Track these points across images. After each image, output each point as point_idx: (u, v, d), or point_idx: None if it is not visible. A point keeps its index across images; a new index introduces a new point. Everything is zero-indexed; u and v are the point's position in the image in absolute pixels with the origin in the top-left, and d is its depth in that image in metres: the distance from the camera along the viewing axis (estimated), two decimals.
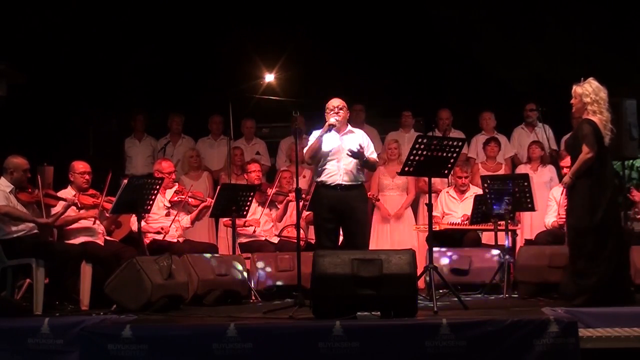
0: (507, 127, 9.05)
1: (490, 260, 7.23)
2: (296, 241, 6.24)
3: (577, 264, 5.59)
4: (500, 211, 6.94)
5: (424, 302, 5.75)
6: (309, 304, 5.28)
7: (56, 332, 4.91)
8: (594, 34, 9.11)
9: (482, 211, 7.38)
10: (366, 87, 9.48)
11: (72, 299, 6.35)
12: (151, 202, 6.75)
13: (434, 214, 6.96)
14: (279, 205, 7.92)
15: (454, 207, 7.97)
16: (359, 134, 6.38)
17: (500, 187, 7.04)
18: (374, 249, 8.06)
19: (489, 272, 7.06)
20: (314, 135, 6.29)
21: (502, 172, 8.36)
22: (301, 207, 6.84)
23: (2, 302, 5.94)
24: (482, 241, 7.81)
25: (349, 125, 6.41)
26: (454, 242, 7.59)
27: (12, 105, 7.59)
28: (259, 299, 6.97)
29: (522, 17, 9.48)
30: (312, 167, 8.62)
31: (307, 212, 7.90)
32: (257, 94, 9.39)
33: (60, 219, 6.36)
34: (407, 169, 6.00)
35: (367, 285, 4.99)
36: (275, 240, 7.77)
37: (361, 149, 6.12)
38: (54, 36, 8.88)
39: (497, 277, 6.92)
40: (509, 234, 7.06)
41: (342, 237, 6.42)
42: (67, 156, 7.13)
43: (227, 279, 6.76)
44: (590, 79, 5.70)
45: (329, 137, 6.21)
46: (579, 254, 5.60)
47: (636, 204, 7.64)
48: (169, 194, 7.39)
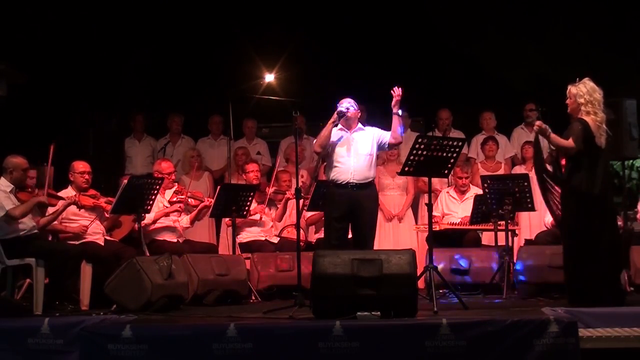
0: (507, 127, 9.04)
1: (490, 260, 7.23)
2: (296, 241, 6.24)
3: (570, 263, 5.60)
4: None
5: (423, 302, 5.75)
6: (309, 304, 5.28)
7: (56, 332, 4.91)
8: (594, 34, 9.10)
9: (482, 211, 7.39)
10: (366, 87, 9.47)
11: (72, 299, 6.35)
12: (151, 202, 6.76)
13: (434, 214, 6.96)
14: (278, 204, 7.92)
15: (454, 207, 7.97)
16: (370, 131, 6.37)
17: (500, 187, 7.05)
18: (375, 249, 8.09)
19: (489, 272, 7.07)
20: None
21: (501, 171, 8.36)
22: (301, 207, 6.84)
23: (2, 302, 5.95)
24: (482, 242, 7.81)
25: (360, 123, 6.41)
26: (454, 242, 7.59)
27: (12, 105, 7.59)
28: (259, 299, 6.98)
29: (522, 17, 9.47)
30: (310, 167, 8.69)
31: (310, 214, 7.91)
32: (257, 94, 9.40)
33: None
34: (407, 169, 6.01)
35: (367, 285, 4.99)
36: (275, 240, 7.77)
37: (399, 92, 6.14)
38: (54, 36, 8.88)
39: (497, 277, 6.93)
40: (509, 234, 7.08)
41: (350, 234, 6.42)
42: (67, 156, 7.13)
43: (227, 279, 6.76)
44: (585, 80, 5.67)
45: (340, 134, 6.21)
46: (570, 253, 5.60)
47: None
48: (169, 194, 7.39)
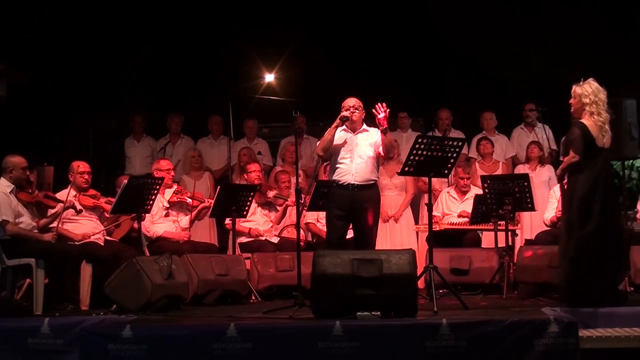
0: (507, 127, 9.04)
1: (490, 260, 7.23)
2: (296, 241, 6.24)
3: (568, 263, 5.60)
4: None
5: (423, 302, 5.75)
6: (309, 304, 5.28)
7: (56, 332, 4.91)
8: (594, 34, 9.11)
9: (482, 211, 7.38)
10: (366, 87, 9.47)
11: (72, 299, 6.35)
12: (151, 202, 6.75)
13: (434, 214, 6.96)
14: (279, 207, 7.91)
15: (455, 207, 7.97)
16: (373, 132, 6.29)
17: (500, 187, 7.04)
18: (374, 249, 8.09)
19: (489, 272, 7.07)
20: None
21: (499, 171, 8.35)
22: (301, 207, 6.83)
23: (2, 302, 5.95)
24: (482, 244, 7.79)
25: (364, 124, 6.35)
26: (454, 242, 7.59)
27: (13, 105, 7.60)
28: (259, 299, 6.98)
29: (523, 17, 9.48)
30: (309, 168, 8.69)
31: (310, 221, 7.91)
32: (257, 94, 9.40)
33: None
34: (407, 168, 6.01)
35: (367, 285, 4.99)
36: (275, 240, 7.76)
37: (383, 110, 6.04)
38: (54, 36, 8.88)
39: (497, 277, 6.93)
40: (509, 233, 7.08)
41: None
42: (67, 156, 7.13)
43: (227, 279, 6.75)
44: (589, 80, 5.68)
45: (343, 136, 6.20)
46: (566, 253, 5.60)
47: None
48: (168, 194, 7.39)
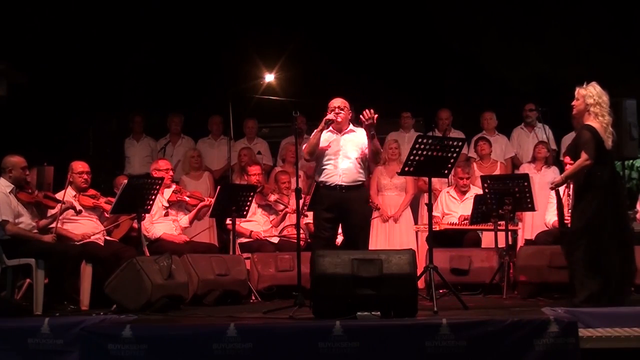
0: (507, 127, 9.04)
1: (490, 260, 7.23)
2: (296, 241, 6.24)
3: (578, 265, 5.59)
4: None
5: (423, 302, 5.75)
6: (309, 304, 5.28)
7: (56, 332, 4.91)
8: (595, 34, 9.11)
9: (482, 211, 7.38)
10: (366, 87, 9.48)
11: (72, 299, 6.35)
12: (151, 202, 6.75)
13: (434, 214, 6.96)
14: (279, 211, 7.89)
15: (454, 207, 7.97)
16: (360, 133, 6.26)
17: (500, 187, 7.04)
18: (374, 249, 8.08)
19: (489, 272, 7.07)
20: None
21: (497, 171, 8.35)
22: (301, 207, 6.82)
23: (2, 302, 5.95)
24: (482, 244, 7.79)
25: (351, 124, 6.32)
26: (454, 242, 7.59)
27: (13, 105, 7.61)
28: (259, 299, 6.98)
29: (523, 17, 9.48)
30: (309, 168, 8.67)
31: (310, 221, 7.91)
32: (257, 94, 9.39)
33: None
34: (407, 169, 6.00)
35: (367, 285, 4.99)
36: (275, 240, 7.76)
37: (371, 116, 5.99)
38: (55, 36, 8.88)
39: (497, 277, 6.93)
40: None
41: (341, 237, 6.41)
42: (67, 156, 7.13)
43: (227, 279, 6.75)
44: (593, 83, 5.71)
45: (330, 137, 6.18)
46: (576, 257, 5.60)
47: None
48: (167, 193, 7.39)
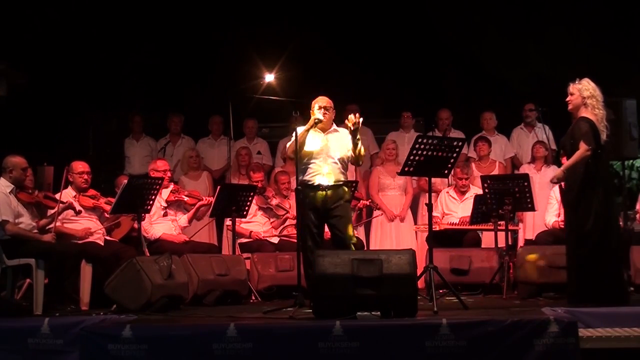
0: (507, 127, 9.04)
1: (490, 260, 7.23)
2: (296, 241, 6.22)
3: (577, 264, 5.60)
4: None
5: (423, 302, 5.75)
6: (309, 304, 5.28)
7: (56, 332, 4.91)
8: (594, 33, 9.10)
9: (482, 211, 7.38)
10: (366, 87, 9.48)
11: (72, 299, 6.34)
12: (151, 202, 6.75)
13: (434, 214, 6.96)
14: (281, 216, 7.87)
15: (454, 207, 7.97)
16: (343, 133, 6.19)
17: (500, 187, 7.04)
18: (374, 249, 8.08)
19: (489, 272, 7.07)
20: (299, 130, 6.04)
21: (495, 171, 8.35)
22: None
23: (2, 302, 5.95)
24: (482, 244, 7.79)
25: (334, 124, 6.25)
26: (454, 242, 7.59)
27: (12, 105, 7.60)
28: (259, 299, 6.98)
29: (523, 17, 9.48)
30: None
31: None
32: (257, 94, 9.39)
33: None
34: (407, 169, 6.00)
35: (367, 285, 4.98)
36: (275, 240, 7.76)
37: (356, 121, 5.97)
38: (54, 36, 8.88)
39: (497, 277, 6.93)
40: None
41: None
42: (67, 156, 7.13)
43: (227, 279, 6.75)
44: (586, 78, 5.71)
45: (313, 136, 6.06)
46: (575, 254, 5.60)
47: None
48: (165, 193, 7.39)
